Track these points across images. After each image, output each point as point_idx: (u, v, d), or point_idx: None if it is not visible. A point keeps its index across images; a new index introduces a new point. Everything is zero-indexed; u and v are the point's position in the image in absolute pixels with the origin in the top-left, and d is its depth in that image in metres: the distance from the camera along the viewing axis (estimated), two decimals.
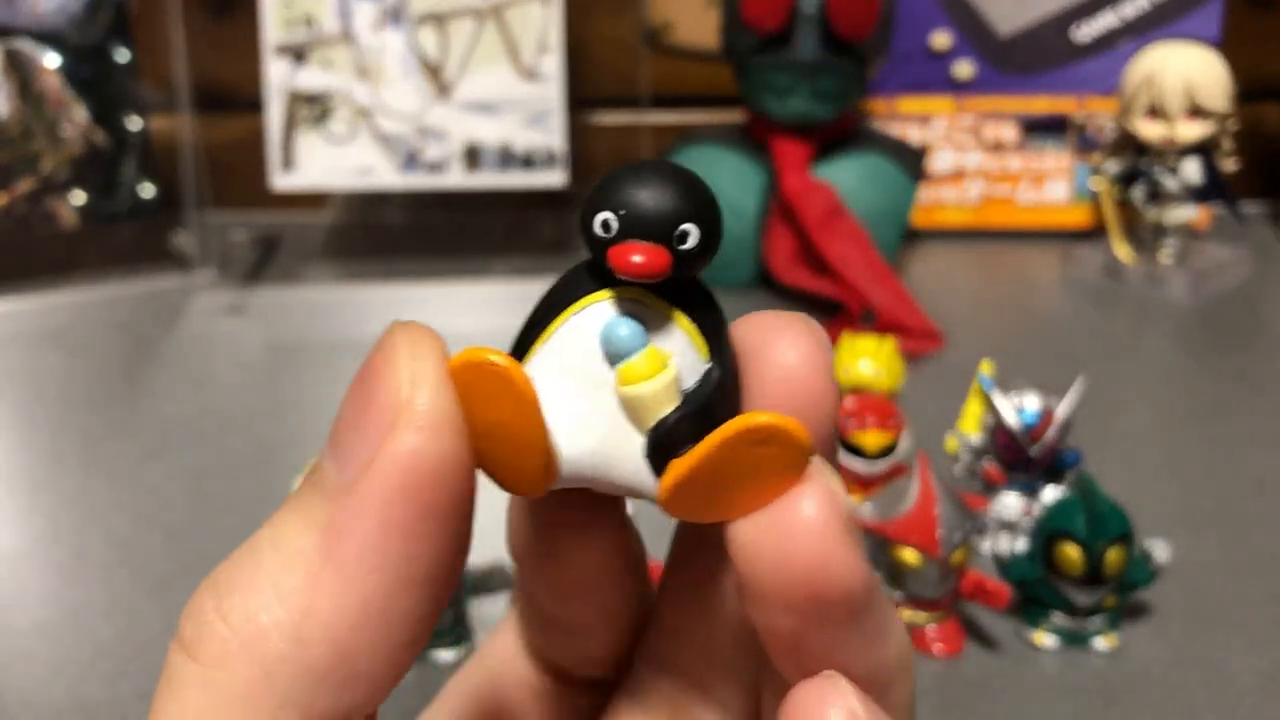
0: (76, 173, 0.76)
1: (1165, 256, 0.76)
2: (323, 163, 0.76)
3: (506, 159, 0.76)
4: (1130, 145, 0.75)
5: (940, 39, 0.82)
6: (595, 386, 0.16)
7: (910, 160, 0.76)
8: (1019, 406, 0.49)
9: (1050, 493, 0.46)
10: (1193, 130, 0.72)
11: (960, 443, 0.53)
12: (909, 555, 0.42)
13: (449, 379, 0.16)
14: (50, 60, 0.74)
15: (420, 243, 0.82)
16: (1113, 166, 0.76)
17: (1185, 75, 0.72)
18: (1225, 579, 0.47)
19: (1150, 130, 0.73)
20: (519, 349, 0.17)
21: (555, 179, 0.76)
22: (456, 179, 0.77)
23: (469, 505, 0.16)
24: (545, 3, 0.75)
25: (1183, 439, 0.59)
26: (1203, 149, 0.74)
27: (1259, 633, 0.44)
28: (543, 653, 0.21)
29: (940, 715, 0.41)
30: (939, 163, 0.84)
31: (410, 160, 0.76)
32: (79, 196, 0.76)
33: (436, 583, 0.16)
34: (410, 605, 0.15)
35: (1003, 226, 0.85)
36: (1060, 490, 0.45)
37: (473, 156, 0.76)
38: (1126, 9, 0.81)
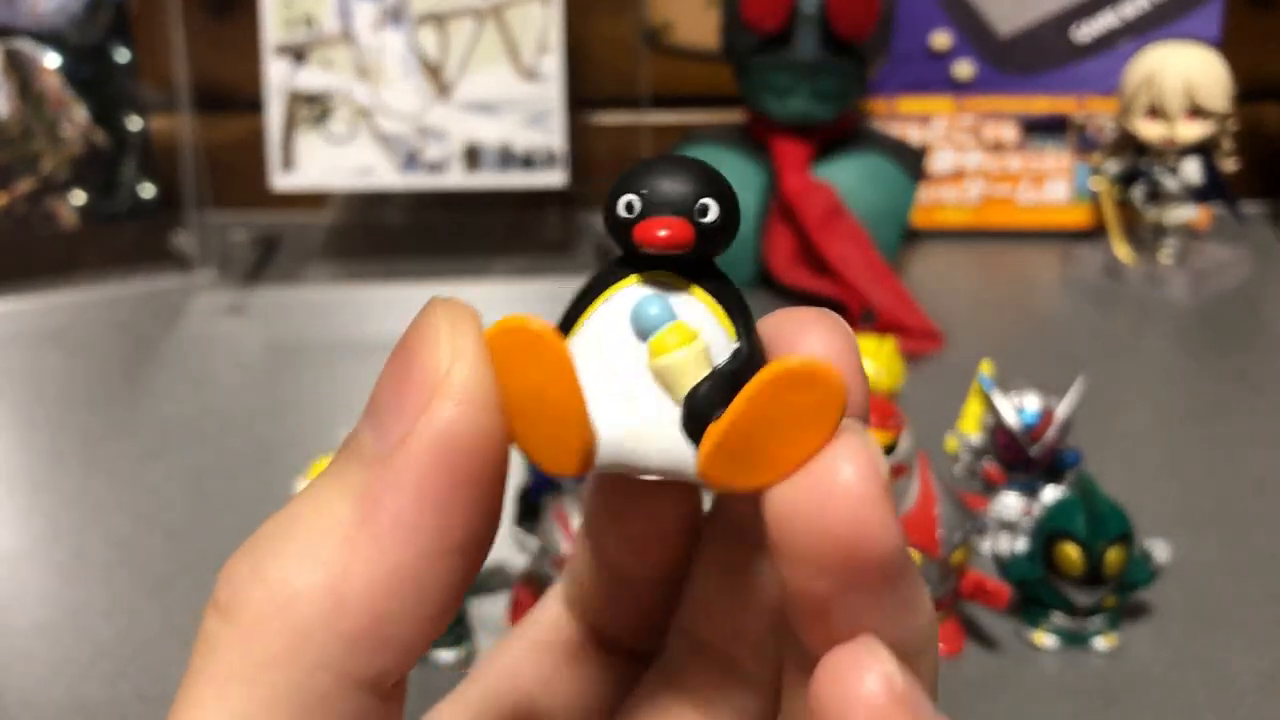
0: (76, 173, 0.76)
1: (1165, 256, 0.76)
2: (323, 163, 0.76)
3: (506, 159, 0.76)
4: (1130, 145, 0.75)
5: (940, 39, 0.82)
6: (628, 365, 0.17)
7: (910, 160, 0.76)
8: (1019, 406, 0.50)
9: (1050, 493, 0.46)
10: (1193, 130, 0.72)
11: (960, 443, 0.53)
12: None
13: (486, 353, 0.16)
14: (50, 60, 0.74)
15: (420, 243, 0.82)
16: (1113, 166, 0.76)
17: (1185, 75, 0.72)
18: (1225, 579, 0.47)
19: (1150, 130, 0.73)
20: None
21: (555, 179, 0.76)
22: (456, 179, 0.77)
23: (502, 479, 0.16)
24: (545, 3, 0.75)
25: (1183, 439, 0.59)
26: (1203, 149, 0.74)
27: (1259, 633, 0.44)
28: (590, 614, 0.22)
29: None
30: (939, 163, 0.84)
31: (410, 160, 0.76)
32: (79, 196, 0.76)
33: (469, 552, 0.16)
34: (443, 573, 0.16)
35: (1003, 226, 0.85)
36: (1060, 490, 0.45)
37: (473, 156, 0.76)
38: (1126, 9, 0.81)
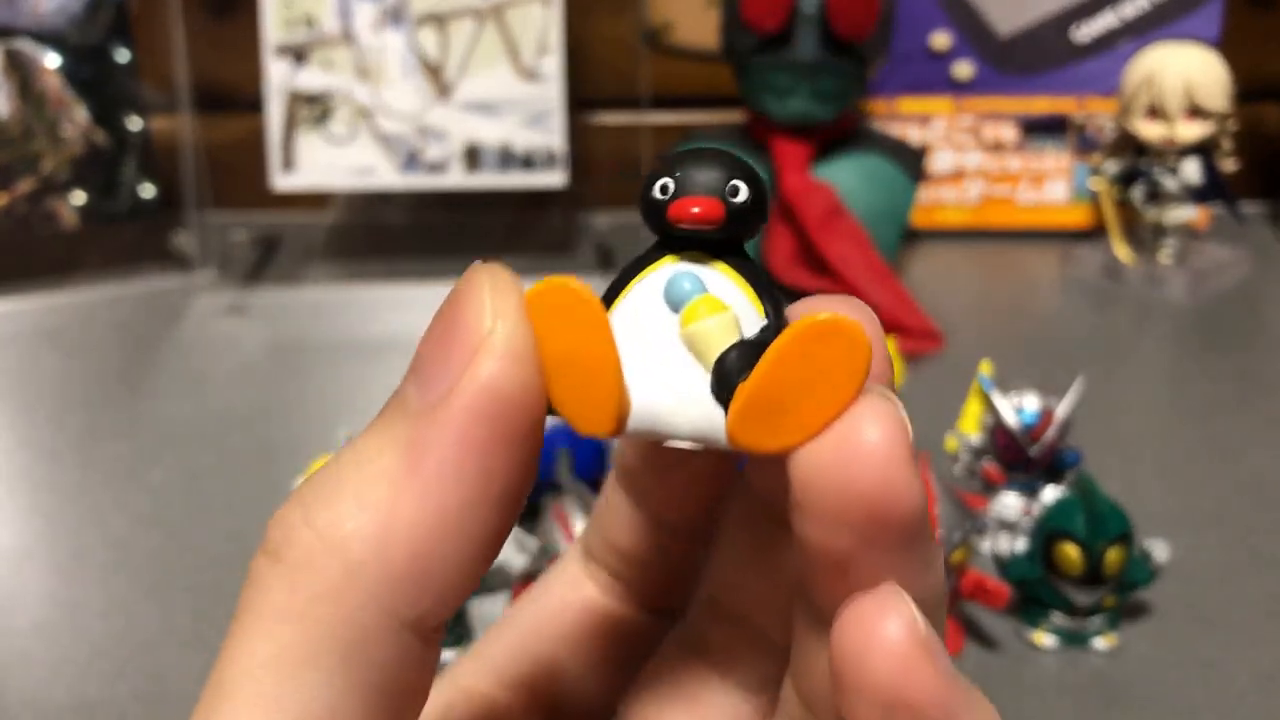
0: (77, 173, 0.76)
1: (1165, 256, 0.76)
2: (323, 163, 0.76)
3: (506, 159, 0.76)
4: (1130, 145, 0.75)
5: (940, 39, 0.82)
6: (661, 336, 0.18)
7: (910, 160, 0.76)
8: (1018, 406, 0.50)
9: (1050, 492, 0.46)
10: (1192, 130, 0.73)
11: (960, 443, 0.53)
12: None
13: (526, 314, 0.17)
14: (51, 60, 0.74)
15: (421, 243, 0.82)
16: (1112, 166, 0.76)
17: (1185, 75, 0.72)
18: (1224, 579, 0.47)
19: (1150, 130, 0.73)
20: None
21: (555, 179, 0.76)
22: (457, 179, 0.77)
23: (539, 433, 0.17)
24: (545, 3, 0.75)
25: (1182, 439, 0.59)
26: (1202, 149, 0.74)
27: (1258, 633, 0.44)
28: (615, 566, 0.22)
29: None
30: (939, 163, 0.84)
31: (410, 160, 0.76)
32: (79, 197, 0.76)
33: (507, 502, 0.17)
34: (484, 520, 0.17)
35: (1002, 226, 0.85)
36: (1060, 490, 0.45)
37: (473, 157, 0.77)
38: (1126, 9, 0.81)
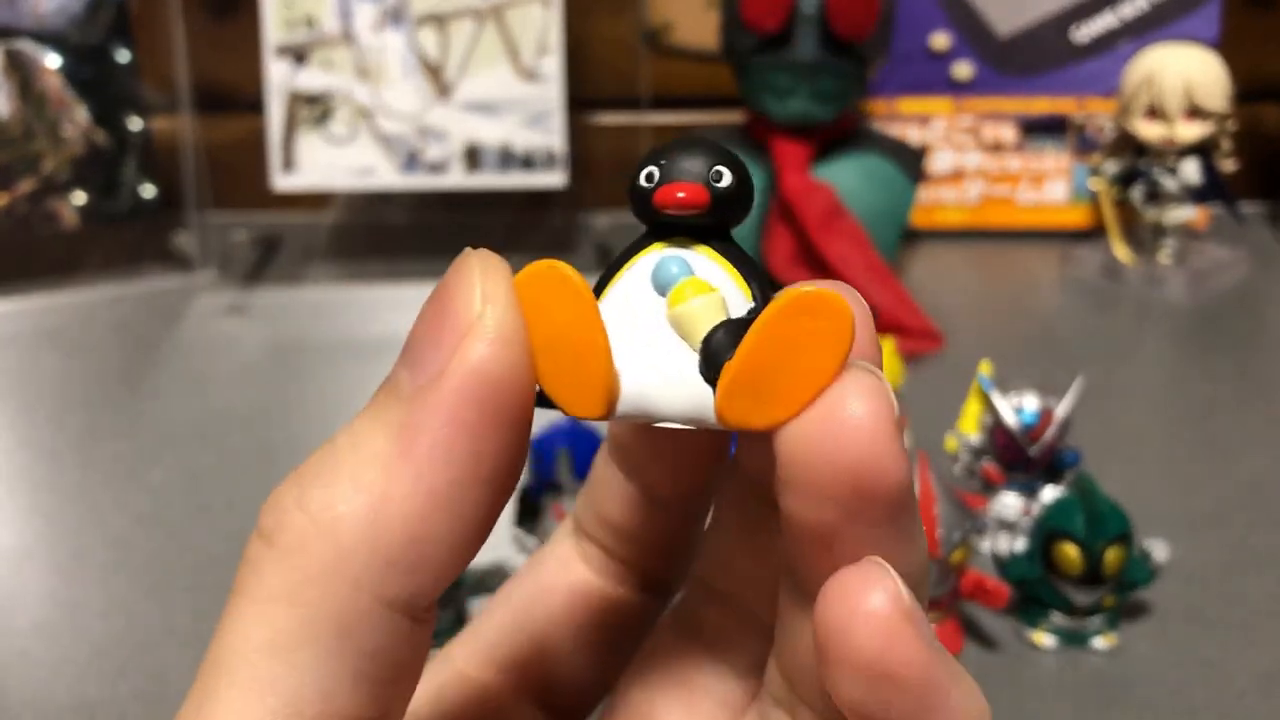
0: (77, 173, 0.76)
1: (1164, 257, 0.76)
2: (323, 163, 0.76)
3: (507, 159, 0.76)
4: (1129, 146, 0.75)
5: (940, 39, 0.82)
6: (649, 319, 0.18)
7: (910, 161, 0.76)
8: (1018, 406, 0.50)
9: (1049, 492, 0.46)
10: (1192, 131, 0.73)
11: (960, 442, 0.53)
12: None
13: (516, 299, 0.17)
14: (51, 61, 0.75)
15: (421, 243, 0.82)
16: (1112, 167, 0.77)
17: (1184, 76, 0.72)
18: (1224, 579, 0.47)
19: (1149, 131, 0.73)
20: None
21: (555, 179, 0.77)
22: (457, 179, 0.77)
23: (528, 416, 0.17)
24: (545, 3, 0.75)
25: (1182, 439, 0.59)
26: (1202, 149, 0.74)
27: (1258, 633, 0.44)
28: (607, 539, 0.22)
29: None
30: (938, 163, 0.84)
31: (411, 161, 0.76)
32: (80, 197, 0.76)
33: (498, 483, 0.17)
34: (475, 500, 0.17)
35: (1002, 227, 0.85)
36: (1059, 490, 0.45)
37: (473, 157, 0.77)
38: (1125, 10, 0.81)
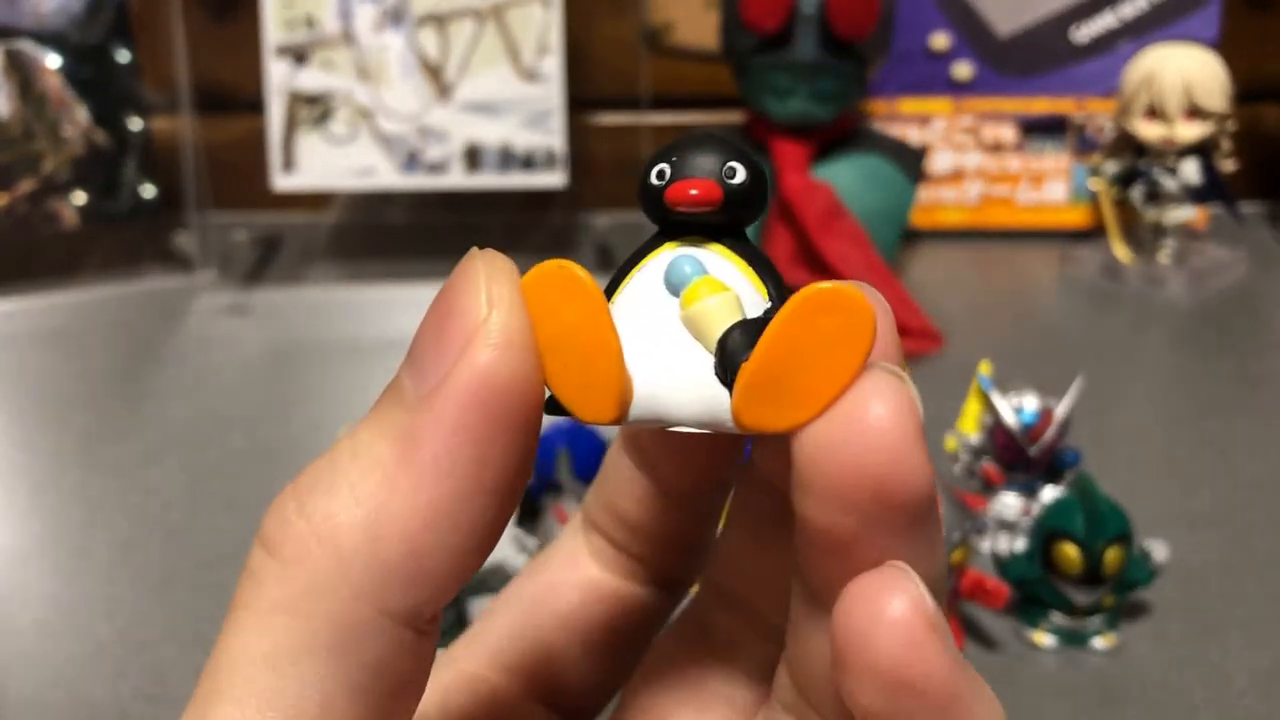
0: (78, 173, 0.76)
1: (1164, 257, 0.76)
2: (323, 163, 0.76)
3: (507, 159, 0.76)
4: (1129, 146, 0.75)
5: (939, 40, 0.82)
6: (662, 320, 0.17)
7: (910, 161, 0.77)
8: (1018, 406, 0.50)
9: (1049, 492, 0.46)
10: (1191, 131, 0.73)
11: (959, 443, 0.53)
12: None
13: (522, 301, 0.17)
14: (51, 61, 0.75)
15: (421, 243, 0.82)
16: (1111, 167, 0.77)
17: (1184, 76, 0.72)
18: (1224, 579, 0.47)
19: (1149, 131, 0.73)
20: None
21: (555, 180, 0.77)
22: (457, 179, 0.77)
23: (535, 422, 0.17)
24: (545, 3, 0.75)
25: (1182, 439, 0.59)
26: (1201, 149, 0.74)
27: (1258, 633, 0.44)
28: (618, 533, 0.22)
29: None
30: (938, 163, 0.84)
31: (411, 161, 0.76)
32: (80, 197, 0.76)
33: (502, 493, 0.17)
34: (477, 511, 0.16)
35: (1002, 227, 0.85)
36: (1059, 490, 0.46)
37: (473, 157, 0.77)
38: (1125, 10, 0.81)
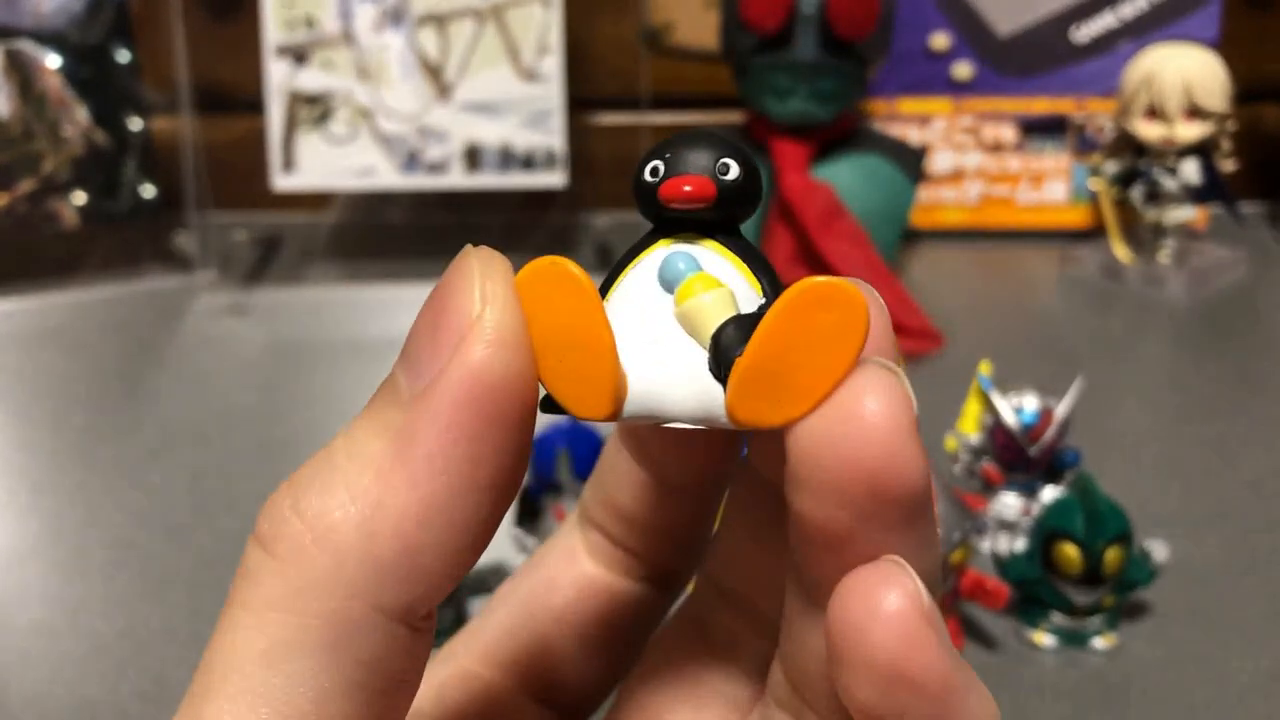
0: (78, 173, 0.76)
1: (1164, 257, 0.76)
2: (323, 163, 0.76)
3: (507, 159, 0.76)
4: (1129, 146, 0.75)
5: (939, 40, 0.82)
6: (656, 316, 0.17)
7: (910, 161, 0.76)
8: (1018, 406, 0.50)
9: (1049, 492, 0.46)
10: (1191, 131, 0.73)
11: (959, 443, 0.53)
12: None
13: (517, 298, 0.17)
14: (51, 61, 0.75)
15: (421, 243, 0.82)
16: (1111, 167, 0.77)
17: (1184, 76, 0.72)
18: (1224, 579, 0.47)
19: (1149, 131, 0.73)
20: None
21: (555, 179, 0.77)
22: (457, 179, 0.77)
23: (530, 419, 0.17)
24: (545, 3, 0.75)
25: (1181, 439, 0.59)
26: (1201, 149, 0.74)
27: (1258, 633, 0.44)
28: (616, 528, 0.22)
29: None
30: (938, 163, 0.84)
31: (411, 161, 0.76)
32: (80, 197, 0.76)
33: (497, 490, 0.17)
34: (473, 507, 0.16)
35: (1002, 227, 0.85)
36: (1059, 490, 0.46)
37: (473, 157, 0.77)
38: (1125, 10, 0.81)
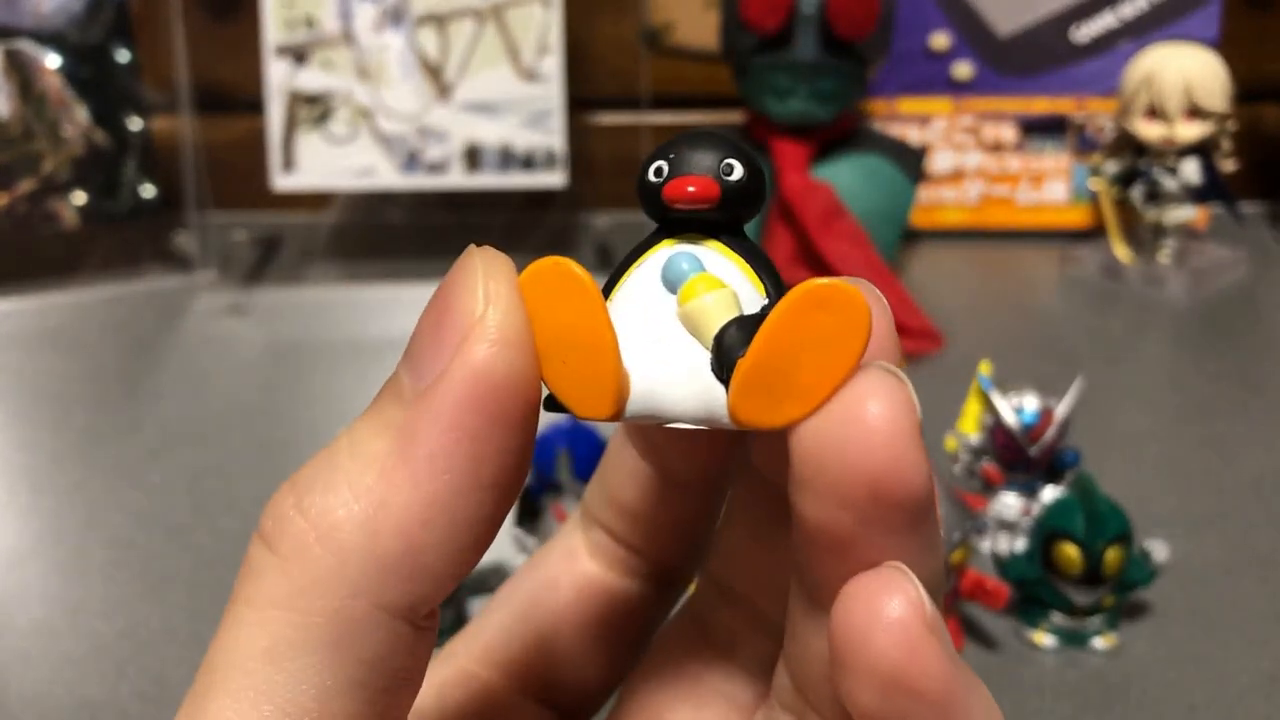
0: (77, 173, 0.76)
1: (1164, 256, 0.76)
2: (323, 163, 0.76)
3: (507, 159, 0.76)
4: (1129, 145, 0.75)
5: (939, 39, 0.82)
6: (659, 316, 0.17)
7: (910, 161, 0.76)
8: (1018, 406, 0.50)
9: (1049, 492, 0.46)
10: (1192, 130, 0.73)
11: (959, 443, 0.53)
12: None
13: (519, 298, 0.17)
14: (51, 61, 0.75)
15: (421, 243, 0.82)
16: (1112, 167, 0.77)
17: (1184, 75, 0.72)
18: (1224, 579, 0.47)
19: (1149, 130, 0.73)
20: None
21: (555, 179, 0.77)
22: (457, 179, 0.77)
23: (532, 419, 0.17)
24: (545, 3, 0.75)
25: (1182, 439, 0.59)
26: (1202, 149, 0.74)
27: (1258, 633, 0.44)
28: (619, 524, 0.22)
29: None
30: (938, 163, 0.84)
31: (411, 161, 0.76)
32: (80, 197, 0.76)
33: (499, 489, 0.17)
34: (476, 506, 0.16)
35: (1002, 227, 0.85)
36: (1059, 490, 0.46)
37: (473, 157, 0.77)
38: (1125, 10, 0.81)
